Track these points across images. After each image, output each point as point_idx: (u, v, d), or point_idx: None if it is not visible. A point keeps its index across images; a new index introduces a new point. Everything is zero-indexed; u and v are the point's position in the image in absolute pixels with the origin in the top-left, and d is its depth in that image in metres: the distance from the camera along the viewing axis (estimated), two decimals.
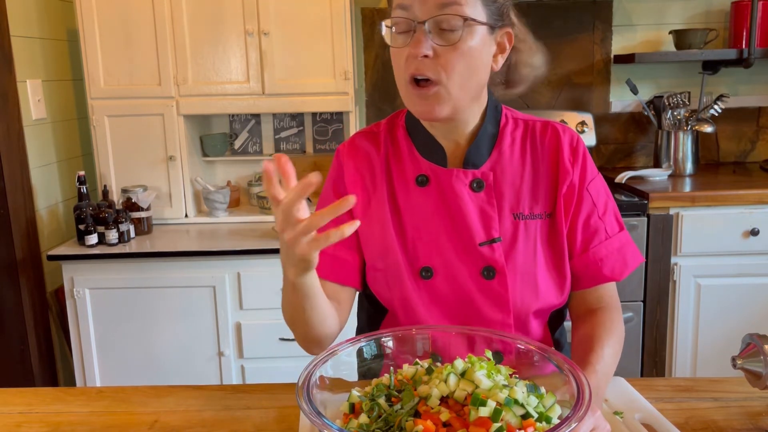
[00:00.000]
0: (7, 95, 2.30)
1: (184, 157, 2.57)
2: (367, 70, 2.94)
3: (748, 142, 3.02)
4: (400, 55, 1.05)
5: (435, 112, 1.05)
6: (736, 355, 1.01)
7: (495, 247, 1.09)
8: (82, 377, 2.38)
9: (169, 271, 2.31)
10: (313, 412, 0.77)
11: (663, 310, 2.47)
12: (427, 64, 1.02)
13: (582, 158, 1.15)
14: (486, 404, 0.77)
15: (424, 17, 1.01)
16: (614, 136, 3.01)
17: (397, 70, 1.08)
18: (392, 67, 1.11)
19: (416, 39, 1.02)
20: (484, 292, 1.10)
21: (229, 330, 2.34)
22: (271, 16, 2.46)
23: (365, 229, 1.15)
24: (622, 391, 1.08)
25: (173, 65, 2.49)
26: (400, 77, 1.07)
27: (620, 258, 1.14)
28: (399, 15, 1.04)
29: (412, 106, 1.08)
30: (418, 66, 1.02)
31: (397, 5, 1.04)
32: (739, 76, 2.93)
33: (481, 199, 1.11)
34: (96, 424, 1.05)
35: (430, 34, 1.01)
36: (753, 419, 1.01)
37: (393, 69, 1.09)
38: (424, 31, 1.01)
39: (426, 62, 1.02)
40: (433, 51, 1.02)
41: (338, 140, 2.87)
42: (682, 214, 2.40)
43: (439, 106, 1.05)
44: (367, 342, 0.96)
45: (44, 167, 2.55)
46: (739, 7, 2.75)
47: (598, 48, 2.92)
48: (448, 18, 1.01)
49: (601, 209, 1.15)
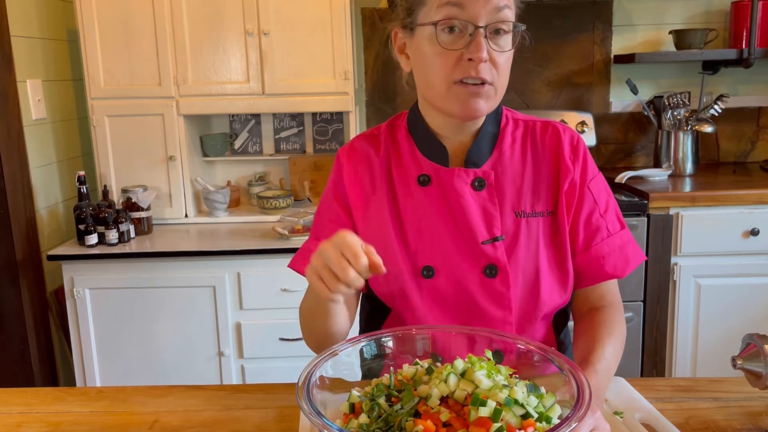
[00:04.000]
0: (7, 95, 2.30)
1: (184, 157, 2.57)
2: (367, 70, 2.94)
3: (748, 142, 3.02)
4: (448, 56, 1.03)
5: (482, 111, 1.06)
6: (736, 355, 1.01)
7: (497, 246, 1.09)
8: (82, 377, 2.38)
9: (169, 271, 2.31)
10: (313, 412, 0.77)
11: (663, 310, 2.47)
12: (484, 67, 1.02)
13: (583, 156, 1.15)
14: (486, 404, 0.77)
15: (484, 21, 1.01)
16: (614, 136, 3.01)
17: (438, 70, 1.05)
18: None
19: (477, 43, 1.01)
20: (486, 291, 1.10)
21: (229, 330, 2.34)
22: (271, 16, 2.46)
23: (365, 230, 1.15)
24: (622, 391, 1.08)
25: (173, 65, 2.49)
26: (444, 77, 1.04)
27: (622, 255, 1.14)
28: (454, 15, 1.01)
29: (457, 104, 1.05)
30: (477, 70, 1.02)
31: (446, 2, 1.02)
32: (739, 76, 2.93)
33: (482, 197, 1.11)
34: (96, 424, 1.05)
35: (486, 38, 1.01)
36: (753, 419, 1.01)
37: (426, 68, 1.06)
38: (483, 35, 1.01)
39: (484, 66, 1.02)
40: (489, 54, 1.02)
41: (338, 140, 2.87)
42: (682, 214, 2.40)
43: (486, 104, 1.05)
44: (367, 342, 0.96)
45: (44, 167, 2.55)
46: (739, 7, 2.75)
47: (598, 48, 2.92)
48: (502, 24, 1.02)
49: (602, 207, 1.15)
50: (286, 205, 2.63)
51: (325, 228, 1.18)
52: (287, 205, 2.63)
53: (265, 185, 2.79)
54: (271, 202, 2.61)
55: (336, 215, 1.17)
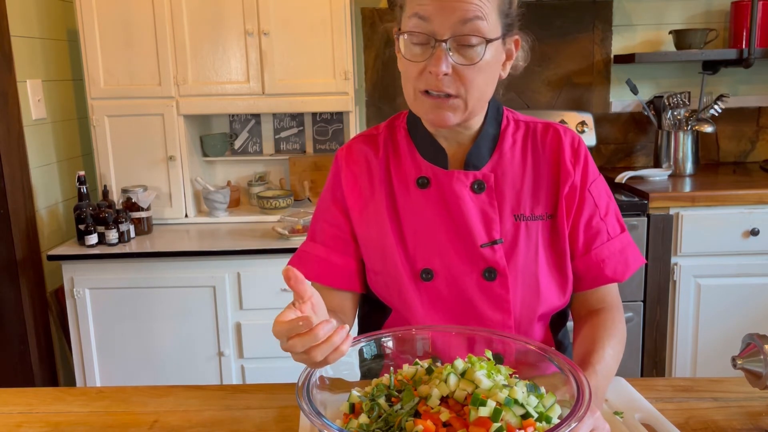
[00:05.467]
0: (7, 95, 2.30)
1: (184, 157, 2.57)
2: (367, 70, 2.94)
3: (748, 142, 3.02)
4: (413, 66, 1.02)
5: (448, 122, 1.04)
6: (736, 355, 1.01)
7: (496, 249, 1.09)
8: (82, 377, 2.38)
9: (169, 271, 2.31)
10: (313, 412, 0.77)
11: (663, 310, 2.47)
12: (446, 81, 1.00)
13: (583, 159, 1.14)
14: (486, 404, 0.77)
15: (445, 35, 0.98)
16: (614, 136, 3.01)
17: (407, 79, 1.05)
18: (398, 69, 1.10)
19: (436, 57, 0.98)
20: (485, 294, 1.10)
21: (229, 330, 2.34)
22: (271, 16, 2.46)
23: (363, 232, 1.15)
24: (622, 391, 1.08)
25: (173, 65, 2.49)
26: (411, 87, 1.04)
27: (622, 259, 1.14)
28: (418, 28, 1.00)
29: (424, 114, 1.06)
30: (437, 83, 1.00)
31: (413, 13, 1.00)
32: (739, 76, 2.93)
33: (482, 200, 1.10)
34: (96, 424, 1.05)
35: (450, 51, 0.98)
36: (753, 419, 1.01)
37: (401, 74, 1.06)
38: (444, 49, 0.98)
39: (445, 79, 1.00)
40: (452, 68, 0.99)
41: (338, 140, 2.87)
42: (682, 214, 2.40)
43: (453, 115, 1.04)
44: (367, 342, 0.96)
45: (44, 167, 2.55)
46: (739, 7, 2.75)
47: (598, 48, 2.92)
48: (469, 37, 0.98)
49: (602, 210, 1.15)
50: (286, 205, 2.63)
51: (323, 231, 1.18)
52: (287, 205, 2.63)
53: (265, 185, 2.79)
54: (271, 202, 2.61)
55: (333, 218, 1.17)
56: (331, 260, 1.16)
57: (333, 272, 1.16)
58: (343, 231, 1.17)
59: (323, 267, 1.16)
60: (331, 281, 1.16)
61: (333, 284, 1.16)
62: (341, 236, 1.17)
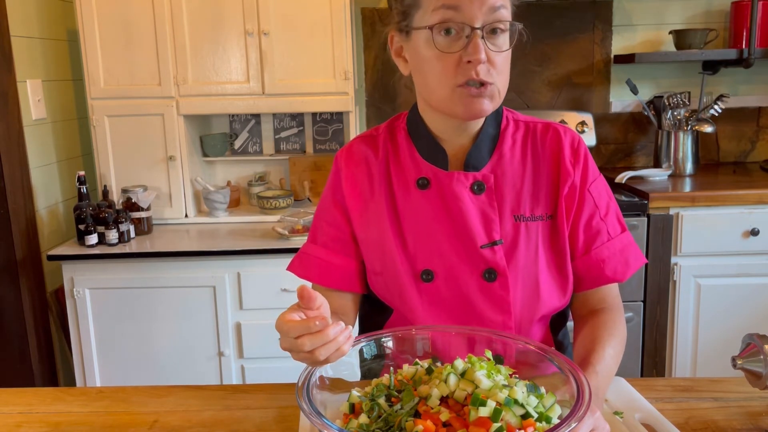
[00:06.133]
0: (7, 95, 2.30)
1: (184, 157, 2.57)
2: (367, 70, 2.94)
3: (748, 142, 3.02)
4: (448, 60, 1.02)
5: (486, 110, 1.05)
6: (736, 355, 1.01)
7: (496, 250, 1.09)
8: (82, 377, 2.38)
9: (169, 271, 2.31)
10: (313, 412, 0.77)
11: (663, 310, 2.47)
12: (484, 69, 1.01)
13: (583, 159, 1.14)
14: (486, 404, 0.77)
15: (480, 22, 1.00)
16: (614, 136, 3.01)
17: (442, 75, 1.03)
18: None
19: (474, 44, 1.00)
20: (485, 295, 1.10)
21: (229, 330, 2.34)
22: (271, 16, 2.46)
23: (363, 233, 1.15)
24: (622, 391, 1.08)
25: (173, 65, 2.49)
26: (446, 81, 1.03)
27: (622, 259, 1.14)
28: (450, 17, 1.00)
29: (462, 106, 1.05)
30: (477, 72, 1.01)
31: (440, 5, 1.00)
32: (739, 76, 2.93)
33: (482, 201, 1.10)
34: (96, 424, 1.05)
35: (483, 38, 1.01)
36: (753, 419, 1.01)
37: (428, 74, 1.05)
38: (480, 36, 1.00)
39: (483, 68, 1.01)
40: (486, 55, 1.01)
41: (338, 140, 2.87)
42: (682, 214, 2.40)
43: (491, 103, 1.05)
44: (367, 342, 0.96)
45: (44, 167, 2.55)
46: (739, 7, 2.75)
47: (598, 48, 2.92)
48: (500, 23, 1.01)
49: (603, 210, 1.14)
50: (286, 205, 2.63)
51: (324, 232, 1.18)
52: (287, 205, 2.63)
53: (265, 185, 2.79)
54: (271, 202, 2.61)
55: (334, 219, 1.17)
56: (331, 262, 1.16)
57: (334, 274, 1.16)
58: (343, 232, 1.17)
59: (324, 268, 1.16)
60: (332, 283, 1.16)
61: (334, 286, 1.16)
62: (342, 237, 1.17)
